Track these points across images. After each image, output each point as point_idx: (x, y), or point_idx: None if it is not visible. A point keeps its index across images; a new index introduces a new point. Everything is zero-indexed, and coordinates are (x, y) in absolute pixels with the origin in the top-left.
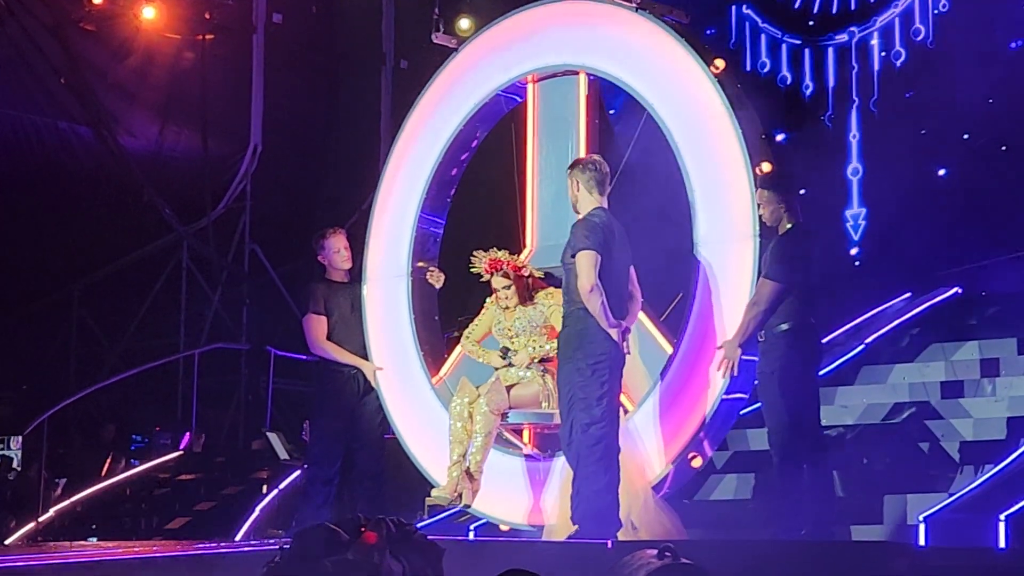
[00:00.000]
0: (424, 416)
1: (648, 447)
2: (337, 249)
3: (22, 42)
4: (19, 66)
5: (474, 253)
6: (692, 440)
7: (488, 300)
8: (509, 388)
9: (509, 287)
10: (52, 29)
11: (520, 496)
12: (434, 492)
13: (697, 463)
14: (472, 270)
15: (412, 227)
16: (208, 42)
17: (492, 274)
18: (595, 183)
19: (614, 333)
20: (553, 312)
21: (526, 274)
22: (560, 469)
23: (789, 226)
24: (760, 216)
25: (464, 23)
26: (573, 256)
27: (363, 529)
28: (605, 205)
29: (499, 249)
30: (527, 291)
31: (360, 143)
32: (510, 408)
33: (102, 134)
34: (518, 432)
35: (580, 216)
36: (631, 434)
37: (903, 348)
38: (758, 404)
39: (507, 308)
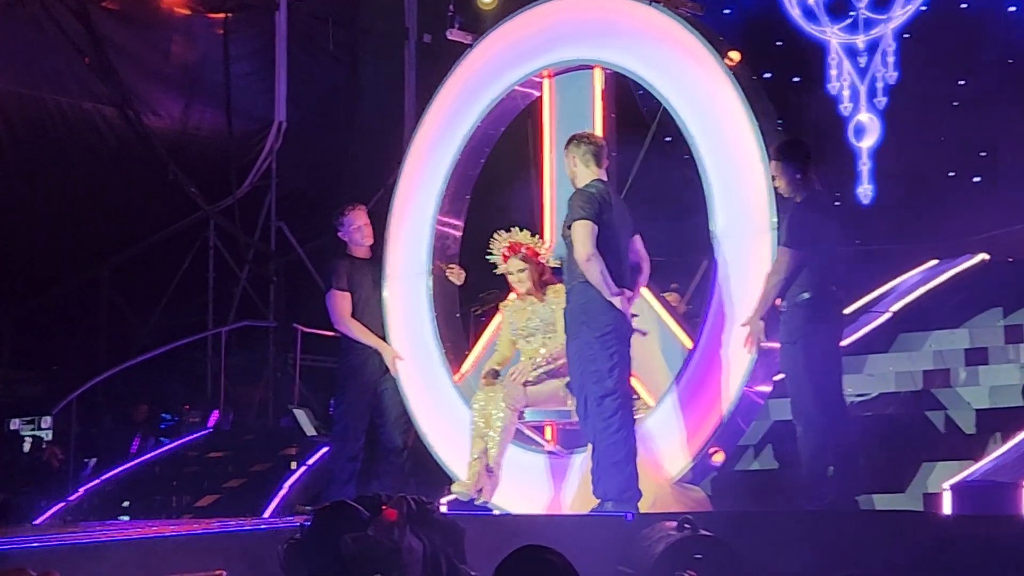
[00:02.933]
0: (446, 413)
1: (669, 442)
2: (357, 226)
3: (45, 22)
4: (42, 47)
5: (496, 233)
6: (713, 434)
7: (497, 320)
8: (527, 384)
9: (524, 271)
10: (75, 9)
11: (541, 492)
12: (454, 487)
13: (719, 458)
14: (490, 257)
15: (431, 225)
16: (231, 20)
17: (509, 258)
18: (591, 155)
19: (617, 302)
20: (558, 311)
21: (544, 260)
22: (580, 464)
23: (806, 194)
24: (776, 188)
25: None
26: (569, 227)
27: (383, 506)
28: (604, 178)
29: (521, 230)
30: (540, 280)
31: (384, 118)
32: (527, 406)
33: (127, 114)
34: (539, 429)
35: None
36: (652, 429)
37: (929, 316)
38: (781, 375)
39: (518, 309)
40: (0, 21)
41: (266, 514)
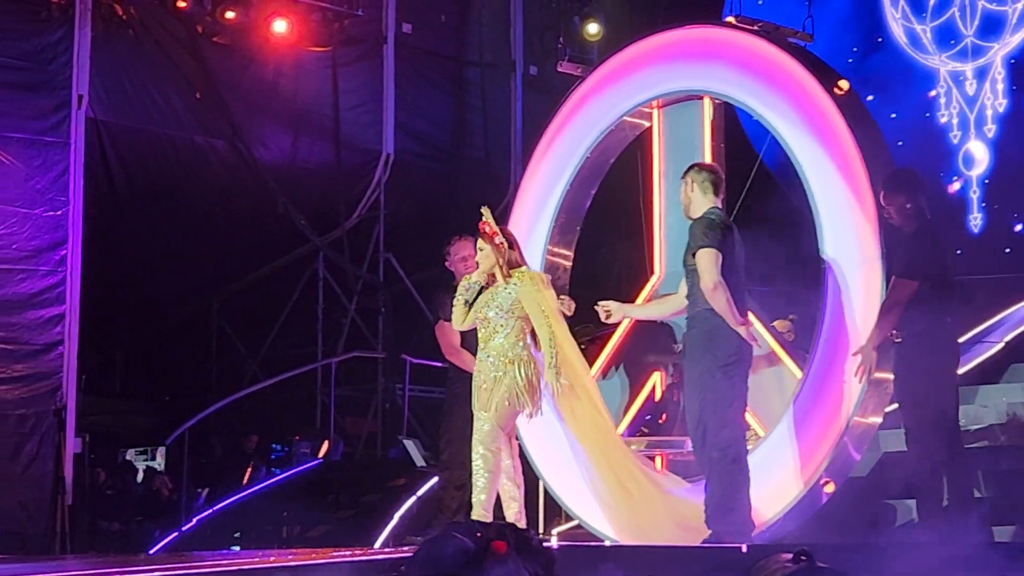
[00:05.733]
0: (554, 443)
1: (780, 472)
2: (462, 256)
3: (158, 58)
4: (156, 82)
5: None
6: (824, 465)
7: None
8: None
9: (483, 250)
10: (186, 44)
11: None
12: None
13: (830, 489)
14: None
15: (541, 256)
16: (339, 53)
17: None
18: (711, 184)
19: (743, 331)
20: (526, 294)
21: (497, 241)
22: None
23: (917, 224)
24: (887, 217)
25: (592, 28)
26: (693, 255)
27: (479, 535)
28: (720, 207)
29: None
30: (506, 262)
31: (491, 150)
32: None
33: (237, 147)
34: (650, 459)
35: (694, 217)
36: (763, 459)
37: None
38: (892, 405)
39: (479, 291)
40: (114, 57)
41: (376, 545)
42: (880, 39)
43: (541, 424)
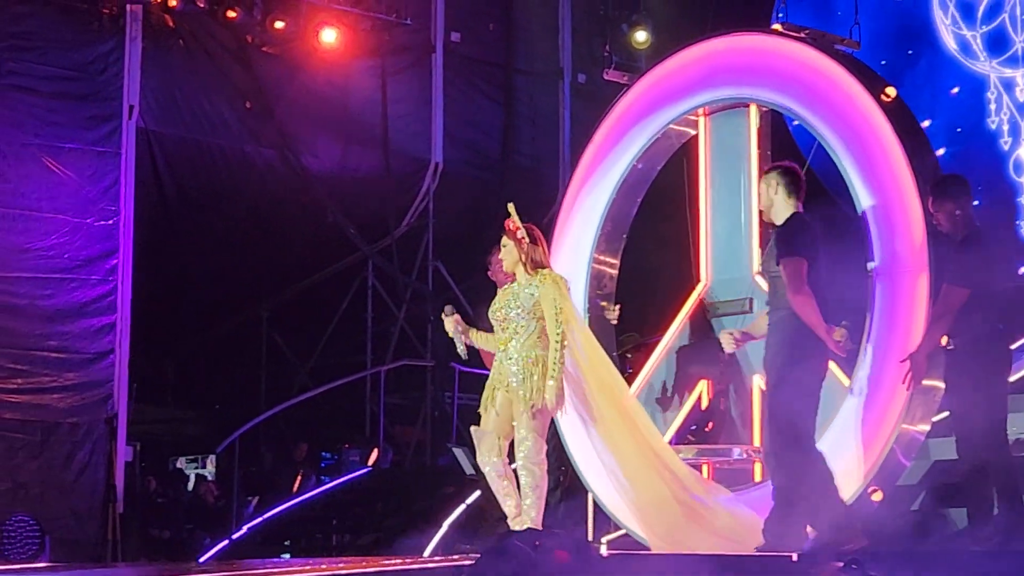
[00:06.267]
0: (602, 451)
1: None
2: (498, 269)
3: (207, 67)
4: (207, 92)
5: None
6: (873, 472)
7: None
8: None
9: (507, 246)
10: (236, 54)
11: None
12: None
13: (878, 497)
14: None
15: (587, 265)
16: (388, 62)
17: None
18: (794, 188)
19: (829, 340)
20: (546, 296)
21: (519, 236)
22: (735, 504)
23: (966, 232)
24: (935, 225)
25: (640, 36)
26: (779, 263)
27: (537, 544)
28: (802, 210)
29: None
30: (531, 260)
31: (538, 158)
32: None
33: (286, 156)
34: (696, 467)
35: (777, 222)
36: None
37: None
38: (942, 413)
39: (501, 292)
40: (164, 67)
41: (425, 553)
42: (929, 45)
43: (582, 432)
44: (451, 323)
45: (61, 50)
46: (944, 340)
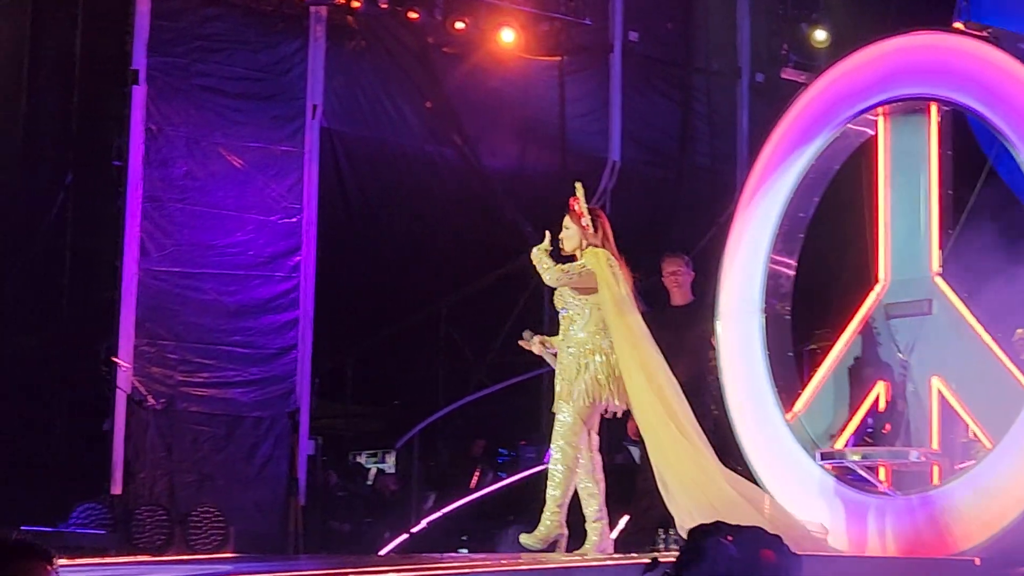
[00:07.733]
0: (778, 452)
1: (1009, 485)
2: (671, 271)
3: (389, 67)
4: (388, 92)
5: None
6: None
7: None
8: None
9: (569, 228)
10: (417, 54)
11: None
12: (523, 538)
13: None
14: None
15: (764, 264)
16: (566, 62)
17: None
18: None
19: None
20: (597, 269)
21: (584, 223)
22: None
23: None
24: None
25: (820, 35)
26: None
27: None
28: None
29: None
30: (590, 245)
31: (716, 157)
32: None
33: (466, 155)
34: (874, 470)
35: None
36: (989, 472)
37: None
38: None
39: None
40: (346, 68)
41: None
42: None
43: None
44: (537, 346)
45: (247, 52)
46: None
